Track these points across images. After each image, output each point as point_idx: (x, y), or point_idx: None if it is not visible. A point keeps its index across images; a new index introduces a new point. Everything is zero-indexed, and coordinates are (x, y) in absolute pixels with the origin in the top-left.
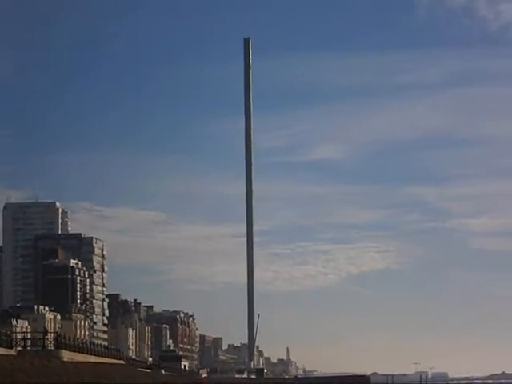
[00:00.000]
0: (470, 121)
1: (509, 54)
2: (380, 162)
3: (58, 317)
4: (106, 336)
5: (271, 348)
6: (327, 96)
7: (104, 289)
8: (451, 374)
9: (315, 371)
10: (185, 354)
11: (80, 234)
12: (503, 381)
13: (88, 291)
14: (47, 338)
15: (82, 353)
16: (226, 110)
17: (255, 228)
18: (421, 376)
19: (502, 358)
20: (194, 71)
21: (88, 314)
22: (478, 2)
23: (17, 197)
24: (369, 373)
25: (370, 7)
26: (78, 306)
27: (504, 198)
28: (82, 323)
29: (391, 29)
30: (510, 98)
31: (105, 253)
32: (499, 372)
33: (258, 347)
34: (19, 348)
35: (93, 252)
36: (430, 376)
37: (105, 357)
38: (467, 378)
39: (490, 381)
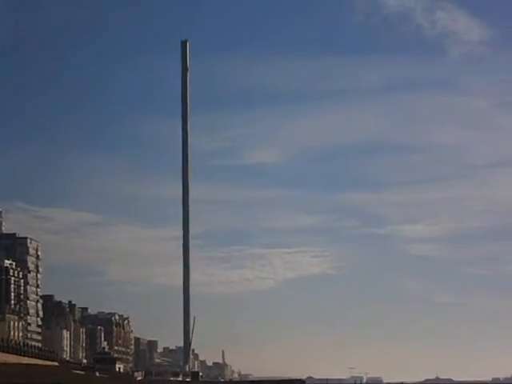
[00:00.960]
0: (406, 127)
1: (444, 62)
2: (317, 167)
3: None
4: (40, 337)
5: (207, 351)
6: (265, 100)
7: (38, 290)
8: (386, 379)
9: (251, 375)
10: (119, 356)
11: (14, 234)
12: None
13: (22, 292)
14: None
15: (16, 354)
16: (163, 111)
17: (192, 231)
18: (355, 381)
19: (435, 364)
20: (131, 72)
21: (22, 315)
22: (414, 10)
23: None
24: (304, 377)
25: (307, 12)
26: (12, 306)
27: (440, 205)
28: (16, 324)
29: (328, 34)
30: (445, 105)
31: (39, 253)
32: (433, 377)
33: (193, 350)
34: None
35: (27, 252)
36: (364, 381)
37: (38, 358)
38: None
39: None
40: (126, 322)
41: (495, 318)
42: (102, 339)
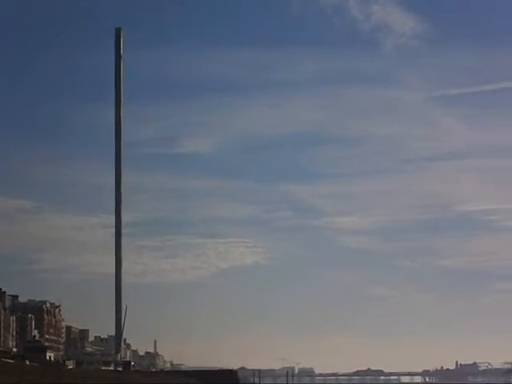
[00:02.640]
0: (342, 120)
1: (379, 55)
2: (252, 158)
3: None
4: None
5: (139, 341)
6: (202, 89)
7: None
8: (318, 370)
9: (183, 365)
10: (50, 344)
11: None
12: (368, 377)
13: None
14: None
15: None
16: (97, 99)
17: (125, 219)
18: (287, 371)
19: (368, 355)
20: (65, 59)
21: None
22: (349, 2)
23: None
24: (236, 367)
25: (243, 2)
26: None
27: (375, 198)
28: None
29: (264, 25)
30: (380, 98)
31: None
32: (365, 368)
33: (125, 340)
34: None
35: None
36: (296, 371)
37: None
38: (333, 374)
39: (356, 377)
40: (58, 310)
41: (426, 311)
42: (33, 327)
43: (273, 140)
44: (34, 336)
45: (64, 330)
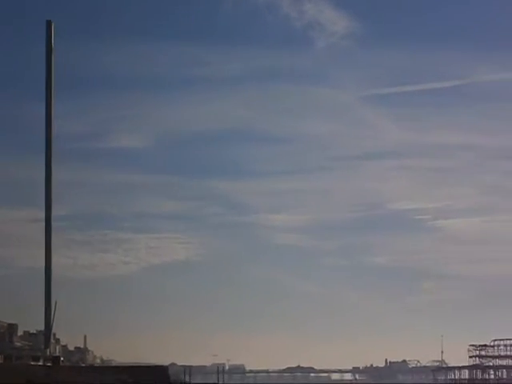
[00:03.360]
0: (272, 117)
1: (310, 53)
2: (183, 153)
3: None
4: None
5: (68, 336)
6: (132, 85)
7: None
8: (248, 367)
9: (113, 360)
10: None
11: None
12: (299, 374)
13: None
14: None
15: None
16: (27, 92)
17: (55, 213)
18: (218, 367)
19: (298, 352)
20: None
21: None
22: (281, 1)
23: None
24: (167, 363)
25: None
26: None
27: (305, 195)
28: None
29: (195, 21)
30: (311, 96)
31: None
32: (295, 365)
33: (54, 335)
34: None
35: None
36: (227, 368)
37: None
38: (265, 371)
39: (286, 374)
40: None
41: (357, 308)
42: None
43: (203, 136)
44: None
45: None
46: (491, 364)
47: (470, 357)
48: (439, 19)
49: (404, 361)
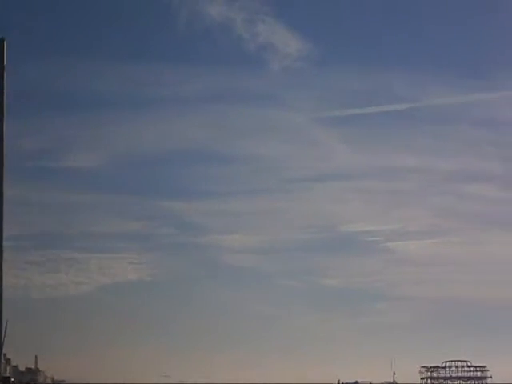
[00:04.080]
0: (227, 138)
1: (265, 75)
2: (136, 173)
3: None
4: None
5: (19, 356)
6: (87, 103)
7: None
8: None
9: (64, 381)
10: None
11: None
12: None
13: None
14: None
15: None
16: None
17: (6, 233)
18: None
19: (252, 372)
20: None
21: None
22: (235, 22)
23: None
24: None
25: (127, 16)
26: None
27: (259, 216)
28: None
29: (150, 41)
30: (265, 118)
31: None
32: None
33: (5, 355)
34: None
35: None
36: None
37: None
38: None
39: None
40: None
41: (310, 329)
42: None
43: (157, 156)
44: None
45: None
46: None
47: (422, 378)
48: (391, 42)
49: (356, 382)
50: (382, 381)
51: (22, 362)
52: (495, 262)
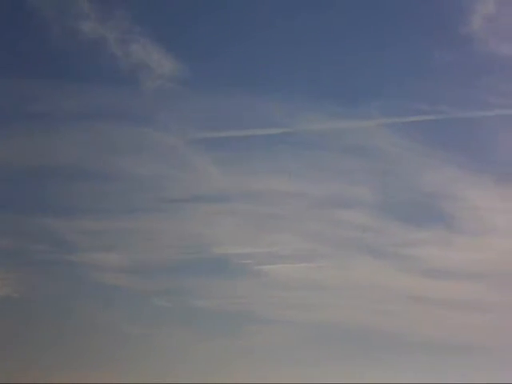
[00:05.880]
0: (100, 156)
1: (138, 94)
2: (9, 189)
3: None
4: None
5: None
6: None
7: None
8: None
9: None
10: None
11: None
12: None
13: None
14: None
15: None
16: None
17: None
18: None
19: None
20: None
21: None
22: (109, 39)
23: None
24: None
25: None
26: None
27: (131, 235)
28: None
29: (22, 56)
30: (140, 137)
31: None
32: None
33: None
34: None
35: None
36: None
37: None
38: None
39: None
40: None
41: (184, 350)
42: None
43: (30, 172)
44: None
45: None
46: None
47: None
48: (265, 67)
49: None
50: None
51: None
52: (363, 287)
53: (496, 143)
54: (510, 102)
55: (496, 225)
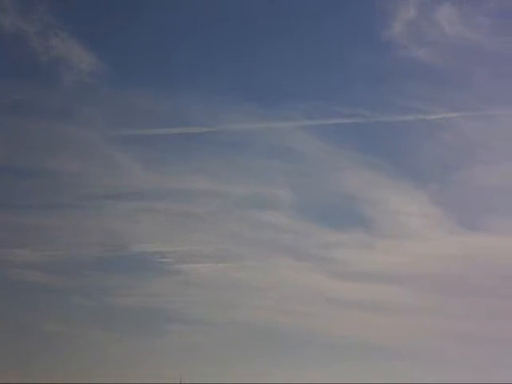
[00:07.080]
0: (20, 152)
1: (58, 89)
2: None
3: None
4: None
5: None
6: None
7: None
8: None
9: None
10: None
11: None
12: None
13: None
14: None
15: None
16: None
17: None
18: None
19: None
20: None
21: None
22: (28, 33)
23: None
24: None
25: None
26: None
27: (50, 231)
28: None
29: None
30: (59, 133)
31: None
32: None
33: None
34: None
35: None
36: None
37: None
38: None
39: None
40: None
41: (104, 349)
42: None
43: None
44: None
45: None
46: None
47: None
48: (187, 66)
49: None
50: None
51: None
52: (282, 288)
53: (415, 148)
54: (429, 107)
55: (413, 229)
